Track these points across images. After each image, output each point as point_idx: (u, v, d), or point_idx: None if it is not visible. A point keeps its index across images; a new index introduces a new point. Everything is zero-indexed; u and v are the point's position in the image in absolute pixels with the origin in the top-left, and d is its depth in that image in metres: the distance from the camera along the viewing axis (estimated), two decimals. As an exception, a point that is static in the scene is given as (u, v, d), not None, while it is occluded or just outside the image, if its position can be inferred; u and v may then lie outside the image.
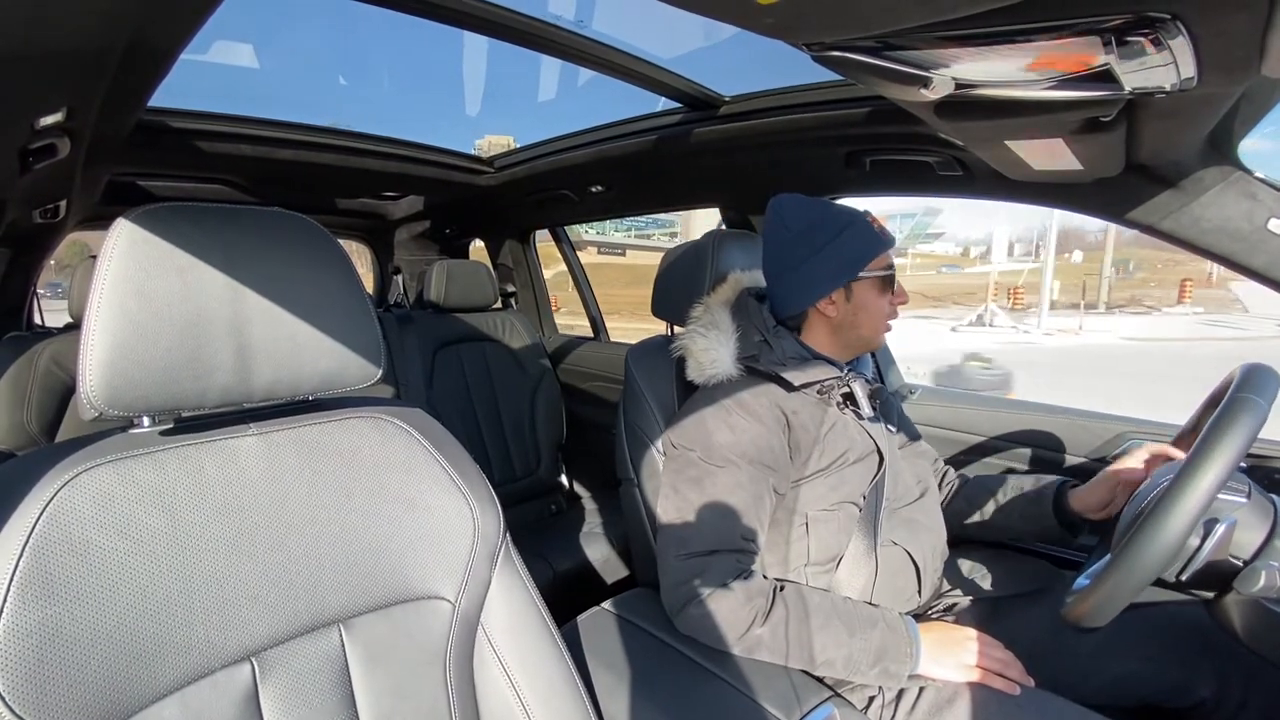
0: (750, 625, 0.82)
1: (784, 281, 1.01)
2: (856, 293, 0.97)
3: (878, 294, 0.98)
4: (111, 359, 0.52)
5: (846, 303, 0.98)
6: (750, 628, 0.82)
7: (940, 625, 0.90)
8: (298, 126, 1.60)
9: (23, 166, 0.87)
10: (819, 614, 0.84)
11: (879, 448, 0.97)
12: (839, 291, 0.97)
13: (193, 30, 0.71)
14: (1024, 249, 44.83)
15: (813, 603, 0.86)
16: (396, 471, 0.68)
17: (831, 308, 0.98)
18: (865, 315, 0.98)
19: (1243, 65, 0.55)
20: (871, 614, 0.87)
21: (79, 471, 0.52)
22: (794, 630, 0.83)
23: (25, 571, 0.47)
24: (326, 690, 0.59)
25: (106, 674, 0.49)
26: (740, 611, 0.82)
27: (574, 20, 1.17)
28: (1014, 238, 45.74)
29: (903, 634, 0.85)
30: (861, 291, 0.97)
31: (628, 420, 1.11)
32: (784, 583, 0.89)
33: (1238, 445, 0.64)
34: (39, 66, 0.62)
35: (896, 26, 0.55)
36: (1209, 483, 0.63)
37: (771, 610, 0.84)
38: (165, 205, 0.57)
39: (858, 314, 0.98)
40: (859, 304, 0.97)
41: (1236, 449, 0.64)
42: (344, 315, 0.64)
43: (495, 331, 2.18)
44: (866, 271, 0.96)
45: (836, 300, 0.98)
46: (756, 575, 0.87)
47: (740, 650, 0.84)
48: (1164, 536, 0.64)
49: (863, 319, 0.98)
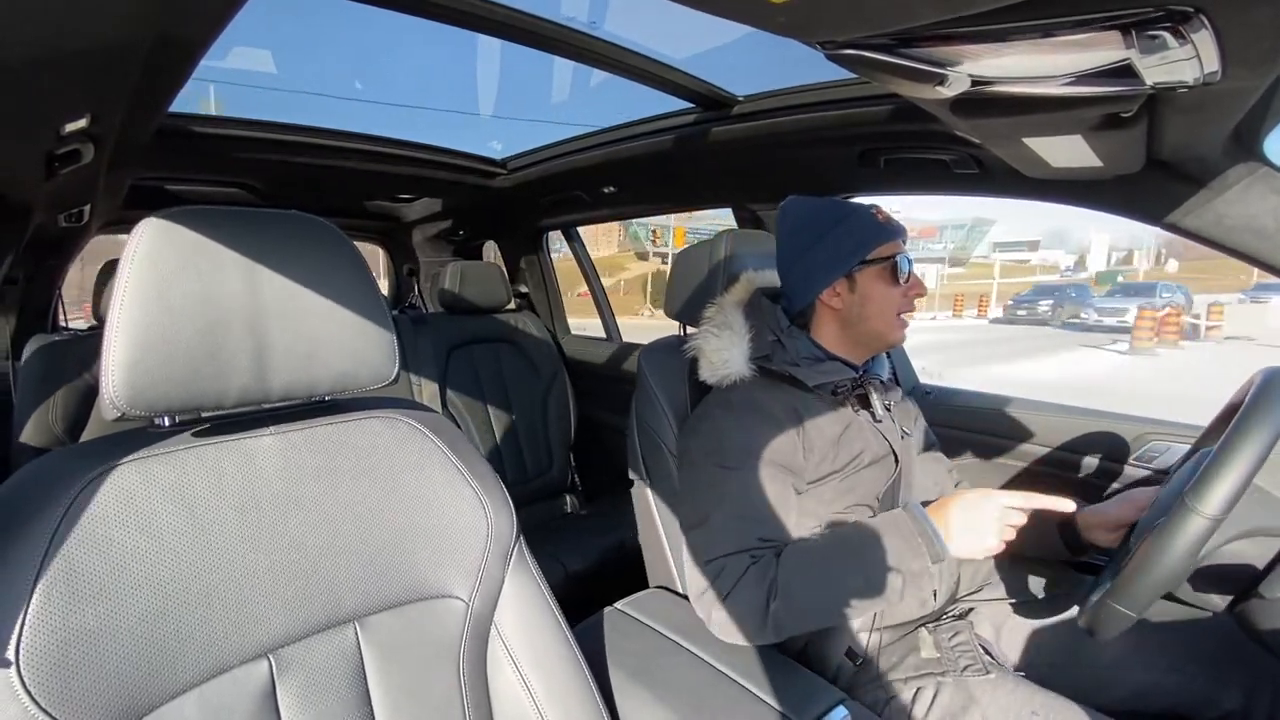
0: (767, 607, 0.80)
1: (790, 276, 1.00)
2: (860, 282, 0.95)
3: (885, 284, 0.95)
4: (133, 360, 0.53)
5: (851, 293, 0.95)
6: (768, 610, 0.80)
7: (947, 504, 0.82)
8: (315, 130, 1.62)
9: (49, 172, 0.89)
10: (819, 563, 0.81)
11: (894, 451, 0.96)
12: (842, 282, 0.95)
13: (213, 35, 0.72)
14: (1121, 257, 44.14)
15: (813, 553, 0.83)
16: (411, 471, 0.69)
17: (836, 299, 0.96)
18: (872, 306, 0.95)
19: (1268, 58, 0.53)
20: (872, 531, 0.82)
21: (101, 471, 0.53)
22: (803, 592, 0.80)
23: (50, 569, 0.48)
24: (342, 687, 0.60)
25: (128, 670, 0.50)
26: (756, 599, 0.81)
27: (587, 21, 1.18)
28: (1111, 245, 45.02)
29: (910, 533, 0.80)
30: (866, 281, 0.95)
31: (640, 421, 1.11)
32: (780, 548, 0.85)
33: (1256, 454, 0.63)
34: (64, 73, 0.63)
35: (911, 23, 0.54)
36: (1231, 485, 0.62)
37: (776, 582, 0.80)
38: (186, 209, 0.58)
39: (864, 305, 0.95)
40: (864, 294, 0.95)
41: (1254, 458, 0.63)
42: (360, 317, 0.65)
43: (508, 332, 2.19)
44: (866, 260, 0.94)
45: (841, 291, 0.96)
46: (765, 556, 0.84)
47: (772, 637, 0.82)
48: (1182, 541, 0.63)
49: (870, 310, 0.95)
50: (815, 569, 0.81)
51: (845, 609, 0.81)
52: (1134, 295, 17.31)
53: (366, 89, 25.68)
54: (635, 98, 1.42)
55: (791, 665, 0.86)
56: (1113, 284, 23.63)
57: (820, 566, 0.81)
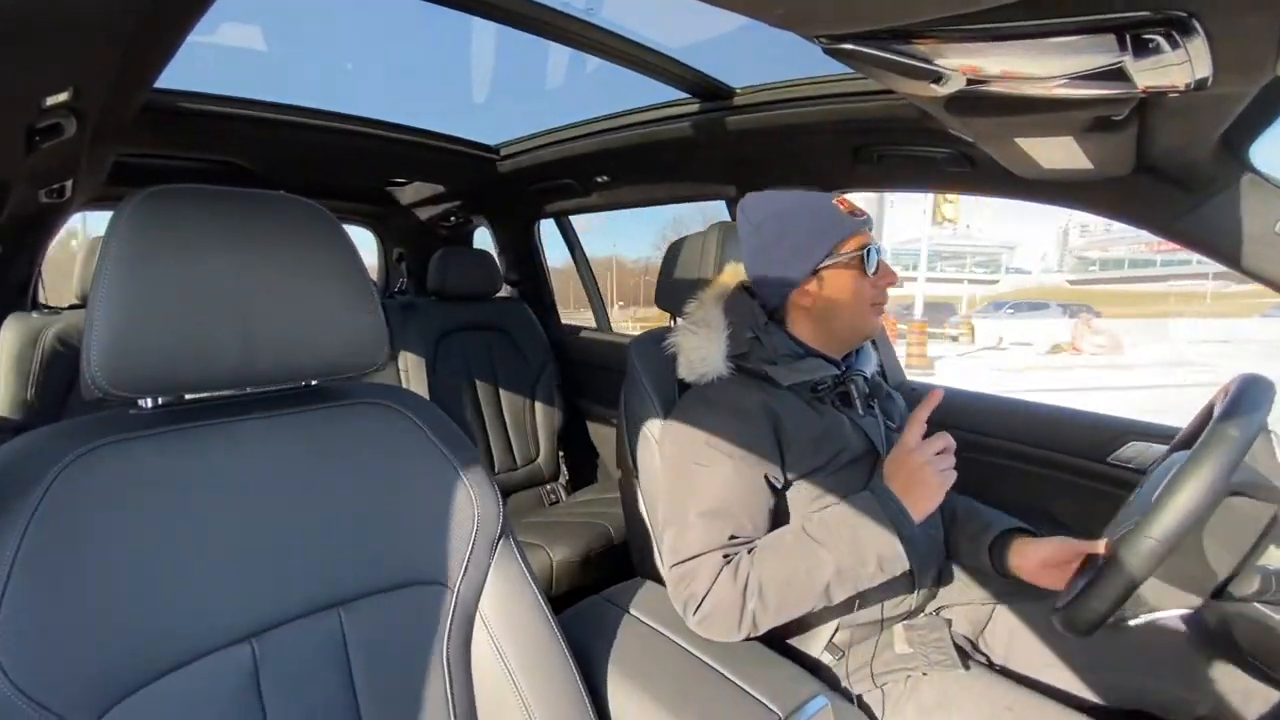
0: (743, 607, 0.81)
1: (756, 276, 0.99)
2: (828, 279, 0.93)
3: (852, 278, 0.93)
4: (115, 339, 0.52)
5: (820, 291, 0.94)
6: (744, 610, 0.81)
7: (892, 474, 0.84)
8: (304, 110, 1.60)
9: (29, 146, 0.87)
10: (791, 559, 0.82)
11: (876, 448, 0.96)
12: (810, 280, 0.94)
13: (200, 10, 0.70)
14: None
15: (782, 546, 0.83)
16: (398, 458, 0.68)
17: (806, 298, 0.95)
18: (843, 301, 0.93)
19: (1259, 65, 0.54)
20: (841, 515, 0.83)
21: (82, 451, 0.52)
22: (778, 587, 0.81)
23: (28, 550, 0.48)
24: (325, 673, 0.60)
25: (107, 653, 0.49)
26: (732, 599, 0.81)
27: (583, 8, 1.16)
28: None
29: (878, 514, 0.81)
30: (834, 277, 0.93)
31: (628, 411, 1.11)
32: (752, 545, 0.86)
33: (1230, 457, 0.64)
34: (47, 44, 0.61)
35: (910, 20, 0.54)
36: (1203, 488, 0.63)
37: (749, 580, 0.81)
38: (171, 187, 0.57)
39: (834, 301, 0.93)
40: (832, 290, 0.93)
41: (1229, 460, 0.64)
42: (348, 301, 0.64)
43: (498, 320, 2.18)
44: (832, 256, 0.93)
45: (810, 289, 0.94)
46: (738, 554, 0.84)
47: (751, 634, 0.83)
48: (1154, 541, 0.64)
49: (841, 306, 0.94)
50: (788, 565, 0.82)
51: (822, 601, 0.82)
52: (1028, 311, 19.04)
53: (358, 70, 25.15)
54: (631, 86, 1.41)
55: (772, 656, 0.86)
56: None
57: (793, 562, 0.82)
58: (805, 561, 0.81)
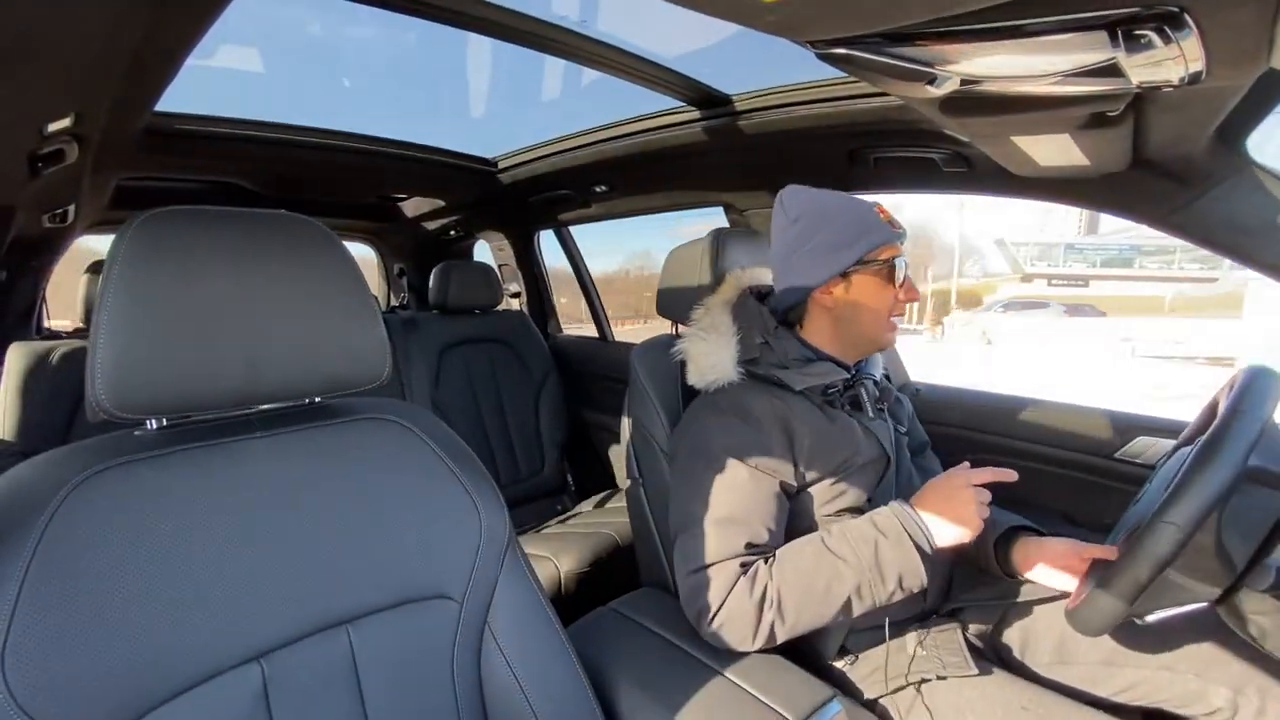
0: (759, 618, 0.81)
1: (784, 271, 0.99)
2: (855, 283, 0.93)
3: (879, 287, 0.93)
4: (119, 362, 0.52)
5: (845, 292, 0.94)
6: (761, 621, 0.81)
7: (925, 497, 0.84)
8: (303, 129, 1.61)
9: (32, 172, 0.88)
10: (810, 572, 0.81)
11: (886, 451, 0.96)
12: (837, 281, 0.94)
13: (198, 34, 0.71)
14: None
15: (802, 559, 0.83)
16: (403, 473, 0.68)
17: (829, 298, 0.95)
18: (866, 307, 0.94)
19: (1251, 58, 0.54)
20: (863, 531, 0.83)
21: (88, 474, 0.52)
22: (796, 600, 0.81)
23: (36, 573, 0.48)
24: (335, 691, 0.60)
25: (116, 675, 0.49)
26: (748, 611, 0.81)
27: (577, 20, 1.17)
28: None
29: (899, 534, 0.81)
30: (861, 282, 0.93)
31: (633, 420, 1.11)
32: (769, 555, 0.85)
33: (1240, 451, 0.64)
34: (48, 72, 0.62)
35: (900, 23, 0.55)
36: (1214, 486, 0.63)
37: (767, 591, 0.81)
38: (172, 209, 0.57)
39: (857, 306, 0.94)
40: (858, 295, 0.93)
41: (1244, 443, 0.64)
42: (350, 318, 0.64)
43: (499, 332, 2.18)
44: (865, 259, 0.93)
45: (835, 290, 0.94)
46: (755, 564, 0.84)
47: (768, 643, 0.82)
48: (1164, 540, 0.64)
49: (863, 312, 0.94)
50: (807, 579, 0.81)
51: (839, 615, 0.82)
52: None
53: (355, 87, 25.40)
54: (627, 96, 1.41)
55: (785, 663, 0.86)
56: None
57: (812, 576, 0.82)
58: (825, 576, 0.81)
